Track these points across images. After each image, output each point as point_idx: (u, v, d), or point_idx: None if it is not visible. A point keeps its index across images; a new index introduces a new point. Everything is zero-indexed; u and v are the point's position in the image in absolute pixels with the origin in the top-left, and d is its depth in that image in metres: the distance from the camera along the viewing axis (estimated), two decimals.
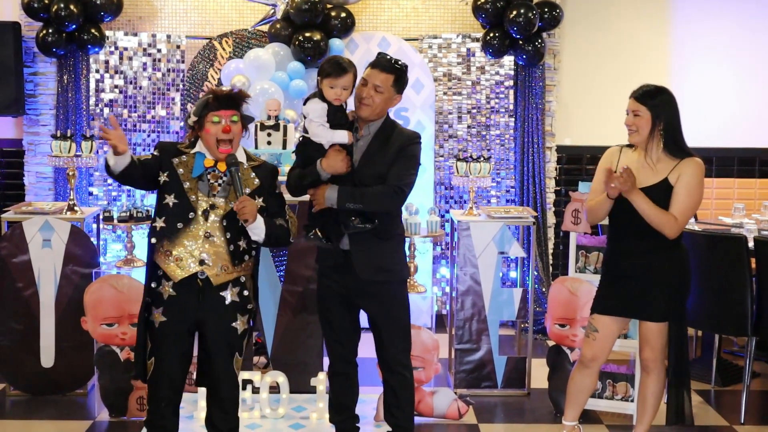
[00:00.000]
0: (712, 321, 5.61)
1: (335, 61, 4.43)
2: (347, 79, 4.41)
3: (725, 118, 7.57)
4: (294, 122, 6.59)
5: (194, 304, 4.17)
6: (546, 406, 5.57)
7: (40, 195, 7.20)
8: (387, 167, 4.40)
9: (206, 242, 4.15)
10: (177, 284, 4.15)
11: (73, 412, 5.49)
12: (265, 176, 4.30)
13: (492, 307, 5.73)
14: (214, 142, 4.16)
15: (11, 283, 5.59)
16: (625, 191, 4.32)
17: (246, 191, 4.17)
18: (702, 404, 5.74)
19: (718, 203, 7.58)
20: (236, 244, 4.19)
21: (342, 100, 4.44)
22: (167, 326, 4.18)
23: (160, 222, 4.15)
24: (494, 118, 7.32)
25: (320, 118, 4.38)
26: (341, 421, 4.75)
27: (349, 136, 4.40)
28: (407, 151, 4.45)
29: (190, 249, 4.14)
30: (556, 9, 7.03)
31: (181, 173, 4.18)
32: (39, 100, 7.24)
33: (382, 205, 4.40)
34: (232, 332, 4.23)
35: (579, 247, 5.48)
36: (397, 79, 4.46)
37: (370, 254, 4.44)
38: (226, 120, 4.15)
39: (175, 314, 4.17)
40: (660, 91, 4.43)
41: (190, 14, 7.28)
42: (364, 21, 7.28)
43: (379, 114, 4.47)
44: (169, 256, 4.15)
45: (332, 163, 4.38)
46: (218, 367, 4.25)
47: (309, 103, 4.44)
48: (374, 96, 4.41)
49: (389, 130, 4.49)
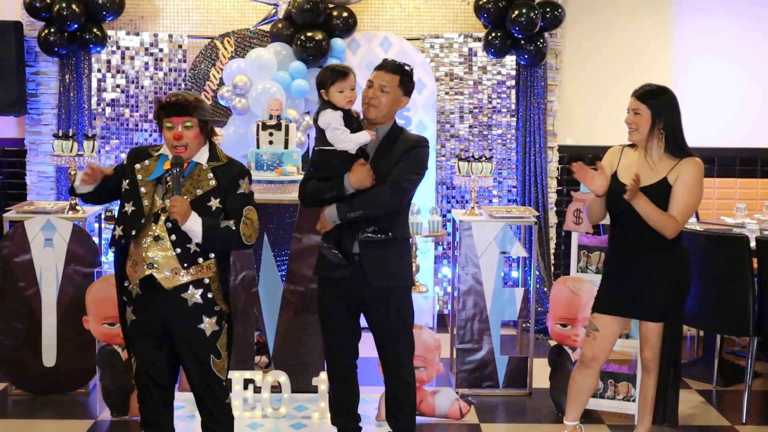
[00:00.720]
0: (714, 321, 5.61)
1: (334, 68, 4.46)
2: (352, 79, 4.45)
3: (727, 118, 7.57)
4: (296, 122, 6.59)
5: (159, 304, 4.14)
6: (548, 406, 5.57)
7: (42, 194, 7.21)
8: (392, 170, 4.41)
9: (155, 245, 4.09)
10: (141, 283, 4.13)
11: (74, 411, 5.49)
12: (225, 176, 4.17)
13: (494, 307, 5.73)
14: (170, 145, 4.14)
15: (13, 283, 5.59)
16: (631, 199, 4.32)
17: (198, 192, 4.10)
18: (704, 404, 5.74)
19: (720, 203, 7.57)
20: (185, 247, 4.09)
21: (353, 101, 4.46)
22: (137, 324, 4.20)
23: (119, 230, 4.15)
24: (496, 117, 7.32)
25: (342, 126, 4.38)
26: (343, 423, 4.75)
27: (370, 134, 4.41)
28: (412, 152, 4.45)
29: (141, 253, 4.10)
30: (558, 9, 7.03)
31: (140, 179, 4.16)
32: (41, 99, 7.24)
33: (381, 205, 4.38)
34: (199, 334, 4.16)
35: (581, 247, 5.48)
36: (403, 80, 4.46)
37: (379, 260, 4.43)
38: (178, 126, 4.10)
39: (143, 313, 4.18)
40: (662, 90, 4.43)
41: (192, 14, 7.29)
42: (366, 20, 7.27)
43: (386, 116, 4.47)
44: (128, 259, 4.16)
45: (359, 177, 4.36)
46: (193, 368, 4.21)
47: (324, 115, 4.42)
48: (380, 96, 4.42)
49: (396, 135, 4.50)
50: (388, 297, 4.50)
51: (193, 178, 4.14)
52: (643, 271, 4.46)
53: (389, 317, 4.53)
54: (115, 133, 7.19)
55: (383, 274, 4.45)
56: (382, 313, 4.52)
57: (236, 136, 6.78)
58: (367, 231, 4.40)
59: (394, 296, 4.52)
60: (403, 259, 4.54)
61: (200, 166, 4.17)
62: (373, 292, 4.46)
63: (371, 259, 4.43)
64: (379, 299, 4.49)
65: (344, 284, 4.49)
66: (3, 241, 5.63)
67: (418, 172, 4.47)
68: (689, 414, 5.53)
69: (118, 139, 7.18)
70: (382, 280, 4.45)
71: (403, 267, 4.53)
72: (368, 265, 4.43)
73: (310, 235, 5.60)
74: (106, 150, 7.15)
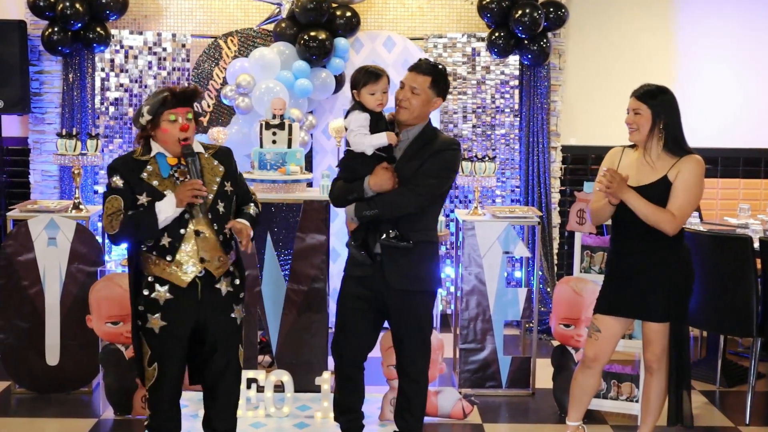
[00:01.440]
0: (717, 321, 5.61)
1: (368, 70, 4.44)
2: (384, 82, 4.43)
3: (730, 119, 7.57)
4: (299, 121, 6.59)
5: (194, 303, 4.13)
6: (550, 406, 5.57)
7: (46, 193, 7.22)
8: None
9: (198, 240, 4.10)
10: (174, 287, 4.10)
11: (77, 410, 5.49)
12: (225, 159, 4.27)
13: (497, 307, 5.73)
14: (174, 140, 4.09)
15: (17, 281, 5.60)
16: (616, 192, 4.31)
17: (217, 180, 4.17)
18: (707, 405, 5.74)
19: (724, 204, 7.57)
20: (223, 234, 4.17)
21: (384, 105, 4.44)
22: (168, 330, 4.12)
23: (165, 238, 4.08)
24: (499, 117, 7.32)
25: (361, 128, 4.37)
26: (346, 422, 4.75)
27: (390, 137, 4.37)
28: (439, 155, 4.39)
29: (187, 251, 4.09)
30: (562, 9, 7.03)
31: (157, 185, 4.09)
32: (44, 98, 7.25)
33: (397, 207, 4.35)
34: (232, 323, 4.23)
35: (584, 247, 5.48)
36: (435, 81, 4.41)
37: (400, 262, 4.40)
38: (182, 118, 4.08)
39: (175, 317, 4.12)
40: (661, 90, 4.43)
41: (196, 13, 7.29)
42: (369, 20, 7.28)
43: (418, 117, 4.43)
44: (168, 264, 4.09)
45: (379, 180, 4.35)
46: (222, 361, 4.23)
47: (350, 115, 4.43)
48: (411, 98, 4.39)
49: (429, 136, 4.45)
50: (408, 299, 4.46)
51: (206, 168, 4.17)
52: (645, 271, 4.45)
53: (407, 320, 4.50)
54: (119, 132, 7.19)
55: (403, 276, 4.42)
56: (400, 315, 4.50)
57: (239, 136, 6.78)
58: (389, 235, 4.37)
59: (413, 299, 4.48)
60: (425, 262, 4.48)
61: (202, 155, 4.21)
62: (392, 293, 4.45)
63: (392, 261, 4.41)
64: (399, 301, 4.46)
65: (365, 283, 4.48)
66: (6, 239, 5.64)
67: (442, 175, 4.41)
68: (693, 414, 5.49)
69: (121, 138, 7.18)
70: (402, 282, 4.42)
71: (424, 270, 4.48)
72: (389, 266, 4.41)
73: (313, 235, 5.61)
74: (109, 149, 7.15)
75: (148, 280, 4.13)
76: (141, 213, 4.04)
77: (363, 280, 4.48)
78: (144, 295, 4.13)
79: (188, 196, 4.03)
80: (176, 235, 4.08)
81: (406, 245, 4.37)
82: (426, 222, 4.49)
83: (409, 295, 4.46)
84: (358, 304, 4.52)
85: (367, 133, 4.37)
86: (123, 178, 4.09)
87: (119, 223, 4.03)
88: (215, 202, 4.14)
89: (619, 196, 4.35)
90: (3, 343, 5.64)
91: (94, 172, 7.16)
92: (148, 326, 4.14)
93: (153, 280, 4.12)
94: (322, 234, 5.64)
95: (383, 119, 4.46)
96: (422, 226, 4.46)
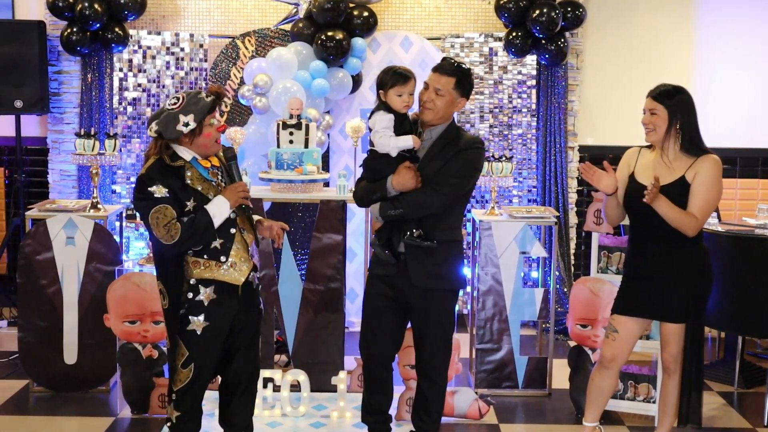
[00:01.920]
0: (736, 322, 5.58)
1: (396, 71, 4.44)
2: (412, 84, 4.44)
3: (749, 118, 7.52)
4: (316, 121, 6.60)
5: (236, 299, 4.17)
6: (567, 406, 5.56)
7: (64, 193, 7.25)
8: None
9: (242, 239, 4.20)
10: (219, 286, 4.12)
11: (95, 408, 5.52)
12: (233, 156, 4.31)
13: (513, 307, 5.72)
14: (212, 142, 4.10)
15: (35, 281, 5.63)
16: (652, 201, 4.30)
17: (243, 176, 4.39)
18: (724, 406, 5.71)
19: (742, 204, 7.53)
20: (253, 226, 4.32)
21: (410, 106, 4.45)
22: (211, 329, 4.11)
23: (217, 241, 4.09)
24: (516, 117, 7.30)
25: (386, 129, 4.38)
26: (373, 423, 4.75)
27: (415, 141, 4.38)
28: (462, 155, 4.39)
29: (238, 250, 4.16)
30: (580, 8, 7.00)
31: (201, 189, 4.08)
32: (63, 98, 7.29)
33: (421, 207, 4.35)
34: (259, 314, 4.37)
35: (601, 248, 5.46)
36: (459, 82, 4.41)
37: (423, 261, 4.41)
38: (217, 119, 4.13)
39: (219, 316, 4.13)
40: (677, 90, 4.41)
41: (213, 13, 7.31)
42: (386, 20, 7.28)
43: (442, 118, 4.44)
44: (220, 266, 4.11)
45: (402, 180, 4.35)
46: (248, 354, 4.29)
47: (375, 116, 4.44)
48: (435, 99, 4.39)
49: (453, 135, 4.46)
50: (431, 298, 4.47)
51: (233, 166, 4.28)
52: (663, 271, 4.44)
53: (429, 318, 4.51)
54: (137, 132, 7.22)
55: (426, 275, 4.42)
56: (422, 314, 4.50)
57: (257, 136, 6.79)
58: (413, 235, 4.37)
59: (436, 298, 4.48)
60: (449, 261, 4.48)
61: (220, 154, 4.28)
62: (416, 292, 4.45)
63: (415, 259, 4.41)
64: (422, 300, 4.46)
65: (389, 282, 4.49)
66: (25, 239, 5.67)
67: (465, 174, 4.41)
68: (710, 416, 5.50)
69: (139, 138, 7.21)
70: (425, 281, 4.43)
71: (448, 269, 4.48)
72: (412, 264, 4.42)
73: (330, 235, 5.61)
74: (127, 149, 7.18)
75: (191, 283, 4.10)
76: (198, 218, 4.00)
77: (387, 279, 4.50)
78: (188, 299, 4.10)
79: (239, 197, 4.11)
80: (227, 236, 4.12)
81: (430, 244, 4.38)
82: (450, 221, 4.49)
83: (432, 294, 4.46)
84: (384, 303, 4.53)
85: (393, 135, 4.39)
86: (166, 186, 4.00)
87: (178, 231, 3.96)
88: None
89: (653, 204, 4.32)
90: (21, 341, 5.68)
91: (112, 171, 7.19)
92: (190, 328, 4.10)
93: (195, 282, 4.10)
94: (339, 234, 5.64)
95: (408, 120, 4.47)
96: (446, 225, 4.46)
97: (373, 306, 4.58)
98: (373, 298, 4.58)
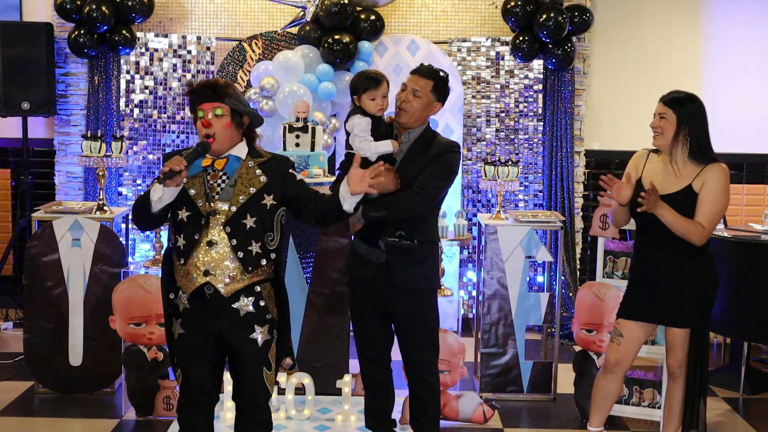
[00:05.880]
0: (742, 328, 5.57)
1: (368, 75, 4.46)
2: (385, 87, 4.45)
3: (756, 124, 7.51)
4: (322, 124, 6.60)
5: (208, 316, 3.88)
6: (572, 411, 5.55)
7: (71, 194, 7.27)
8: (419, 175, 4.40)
9: (209, 251, 3.82)
10: (190, 296, 3.90)
11: (100, 410, 5.52)
12: (274, 169, 3.93)
13: (518, 312, 5.72)
14: (201, 135, 3.86)
15: (41, 282, 5.64)
16: (651, 208, 4.29)
17: (251, 191, 3.86)
18: (730, 412, 5.70)
19: (749, 210, 7.52)
20: (246, 250, 3.85)
21: (384, 109, 4.47)
22: (186, 338, 3.95)
23: (181, 240, 3.87)
24: (523, 121, 7.30)
25: (364, 132, 4.40)
26: (377, 427, 4.75)
27: (393, 145, 4.40)
28: (441, 158, 4.43)
29: (196, 260, 3.83)
30: (587, 13, 7.00)
31: (185, 182, 3.85)
32: (70, 100, 7.30)
33: (405, 209, 4.38)
34: (252, 344, 3.91)
35: (607, 252, 5.45)
36: (437, 86, 4.45)
37: (404, 261, 4.43)
38: (208, 113, 3.82)
39: (192, 327, 3.93)
40: (690, 98, 4.40)
41: (220, 16, 7.32)
42: (393, 24, 7.28)
43: (417, 120, 4.46)
44: (180, 268, 3.90)
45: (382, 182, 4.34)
46: (245, 381, 3.99)
47: (351, 119, 4.44)
48: (412, 101, 4.42)
49: (429, 139, 4.49)
50: (413, 298, 4.49)
51: (242, 177, 3.87)
52: (668, 277, 4.43)
53: (413, 319, 4.52)
54: (144, 135, 7.23)
55: (407, 275, 4.44)
56: (406, 315, 4.52)
57: (263, 138, 6.80)
58: (394, 236, 4.40)
59: (418, 298, 4.51)
60: (428, 261, 4.53)
61: (246, 163, 3.90)
62: (397, 292, 4.46)
63: (396, 260, 4.43)
64: (404, 300, 4.48)
65: (371, 284, 4.50)
66: (31, 240, 5.68)
67: (445, 177, 4.46)
68: (716, 422, 5.49)
69: (146, 141, 7.23)
70: (407, 280, 4.45)
71: (428, 269, 4.52)
72: (393, 265, 4.43)
73: (336, 238, 5.61)
74: (134, 151, 7.19)
75: (176, 284, 3.96)
76: (143, 193, 3.88)
77: (366, 281, 4.51)
78: (170, 299, 3.98)
79: (162, 170, 3.75)
80: (191, 239, 3.84)
81: (411, 244, 4.41)
82: (430, 222, 4.55)
83: (415, 293, 4.49)
84: (368, 304, 4.55)
85: (371, 139, 4.40)
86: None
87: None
88: (240, 215, 3.83)
89: (654, 212, 4.32)
90: (27, 343, 5.68)
91: (118, 173, 7.20)
92: (171, 330, 4.01)
93: (177, 286, 3.95)
94: (345, 237, 5.64)
95: (383, 123, 4.50)
96: (426, 226, 4.50)
97: (360, 308, 4.60)
98: (355, 300, 4.61)
